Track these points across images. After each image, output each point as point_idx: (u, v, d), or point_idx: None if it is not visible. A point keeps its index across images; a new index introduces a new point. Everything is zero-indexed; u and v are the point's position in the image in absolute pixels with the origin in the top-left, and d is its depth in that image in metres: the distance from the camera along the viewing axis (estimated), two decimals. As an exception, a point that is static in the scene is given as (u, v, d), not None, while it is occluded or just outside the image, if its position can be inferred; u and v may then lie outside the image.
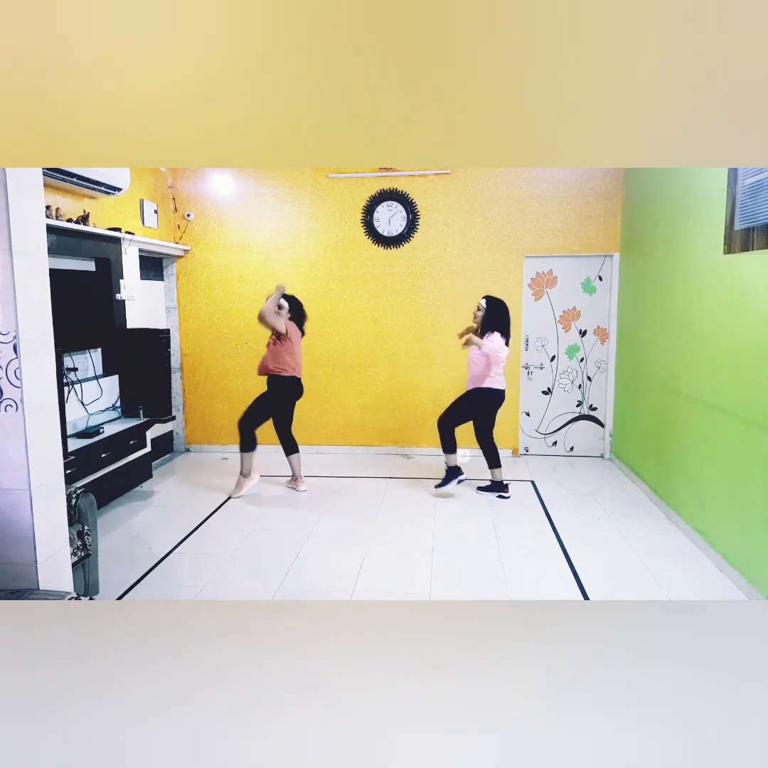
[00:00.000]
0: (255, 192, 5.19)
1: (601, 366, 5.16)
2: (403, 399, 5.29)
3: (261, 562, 3.25)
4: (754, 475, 2.76)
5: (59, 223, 3.56)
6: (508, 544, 3.42)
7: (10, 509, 2.00)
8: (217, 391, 5.44)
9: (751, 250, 2.77)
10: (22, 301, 1.92)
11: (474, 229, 5.05)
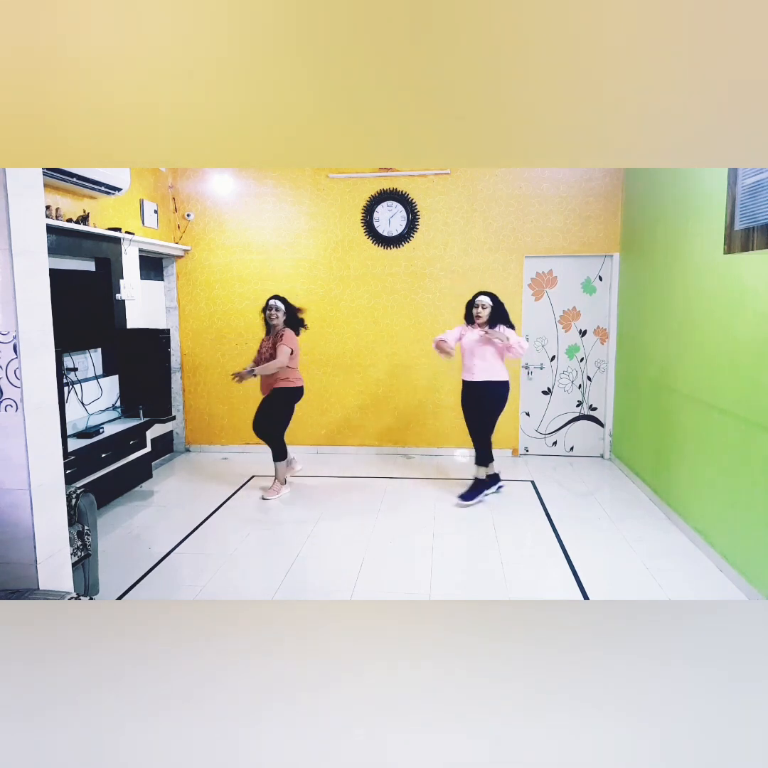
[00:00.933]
0: (255, 192, 5.19)
1: (601, 366, 5.16)
2: (403, 399, 5.29)
3: (261, 562, 3.25)
4: (754, 475, 2.76)
5: (59, 223, 3.56)
6: (508, 544, 3.42)
7: (10, 509, 2.00)
8: (217, 391, 5.44)
9: (751, 250, 2.77)
10: (22, 301, 1.92)
11: (474, 229, 5.05)
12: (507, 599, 2.80)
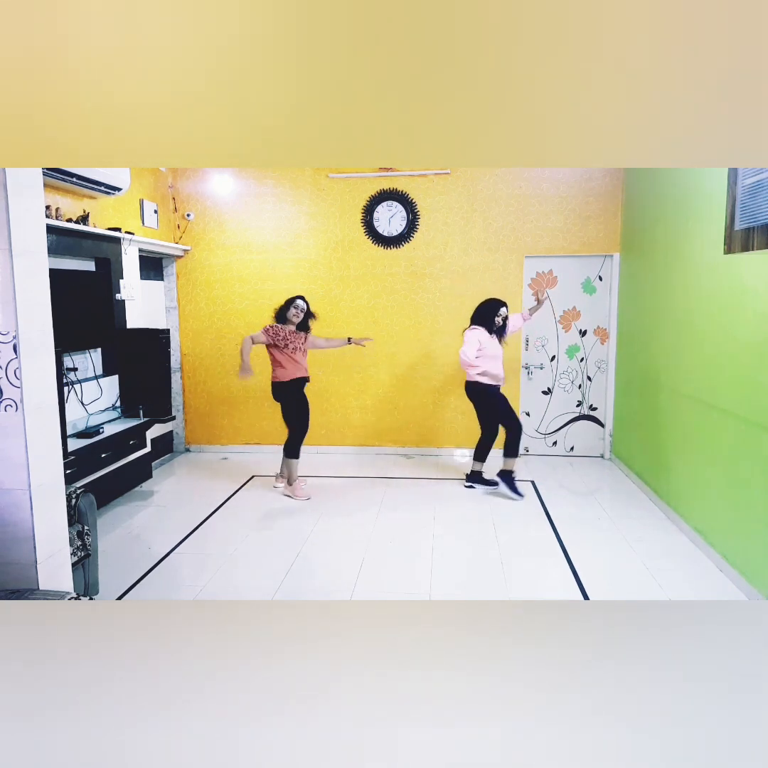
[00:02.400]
0: (255, 192, 5.19)
1: (601, 366, 5.16)
2: (403, 399, 5.29)
3: (261, 562, 3.25)
4: (754, 475, 2.76)
5: (59, 223, 3.56)
6: (508, 544, 3.42)
7: (10, 509, 2.00)
8: (217, 391, 5.44)
9: (751, 250, 2.77)
10: (22, 301, 1.92)
11: (474, 229, 5.05)
12: (507, 599, 2.80)
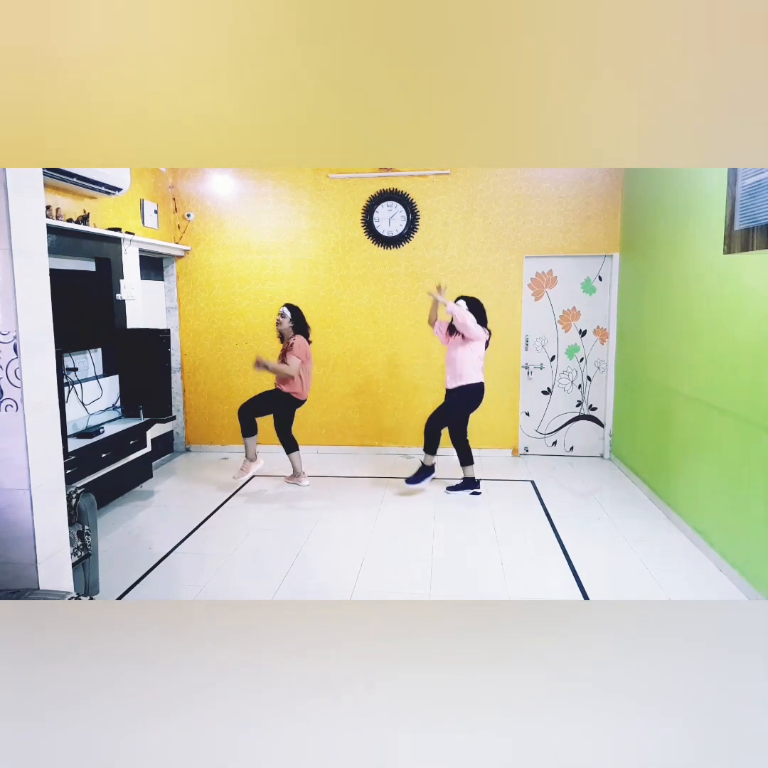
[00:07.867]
0: (255, 192, 5.19)
1: (601, 366, 5.16)
2: (403, 399, 5.29)
3: (261, 562, 3.25)
4: (754, 475, 2.76)
5: (59, 223, 3.56)
6: (508, 544, 3.42)
7: (10, 509, 2.00)
8: (217, 391, 5.44)
9: (751, 250, 2.76)
10: (22, 301, 1.92)
11: (474, 229, 5.05)
12: (507, 599, 2.80)
